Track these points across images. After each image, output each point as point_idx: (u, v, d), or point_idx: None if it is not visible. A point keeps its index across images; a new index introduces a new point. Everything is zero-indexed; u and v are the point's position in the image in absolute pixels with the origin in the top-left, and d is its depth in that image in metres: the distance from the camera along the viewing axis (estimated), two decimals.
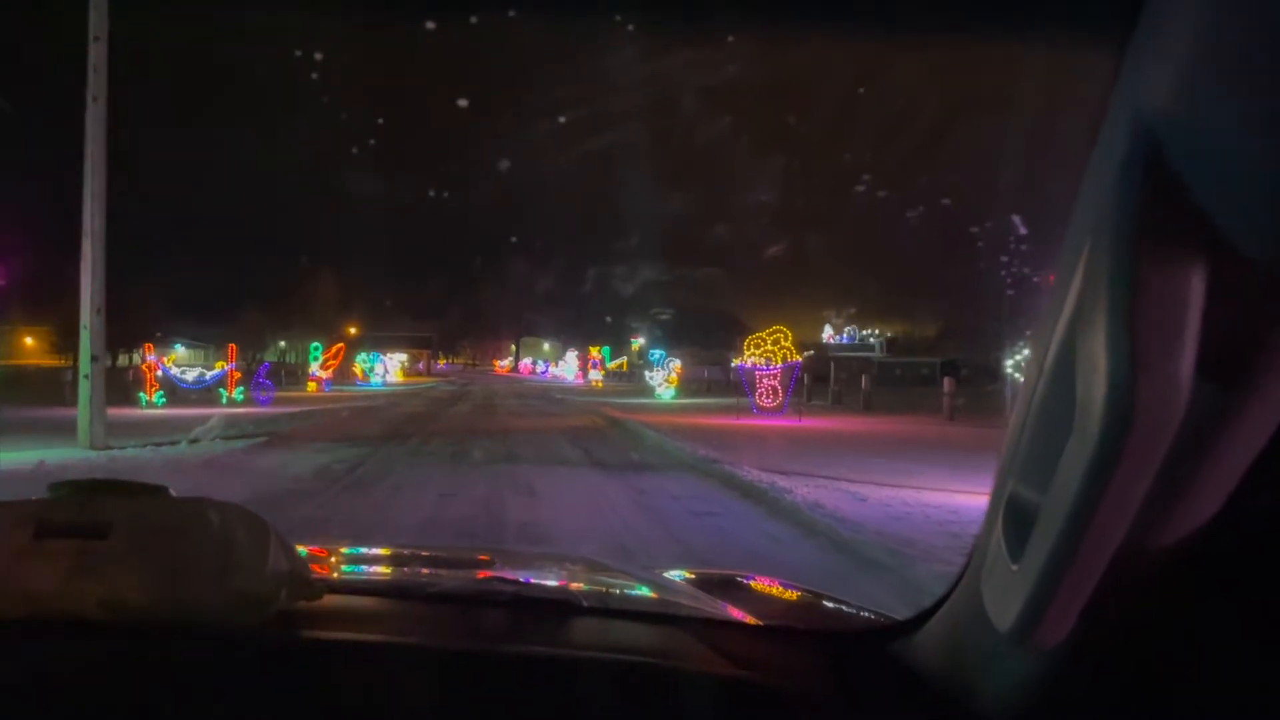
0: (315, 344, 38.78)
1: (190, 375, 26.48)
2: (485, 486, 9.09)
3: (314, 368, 37.30)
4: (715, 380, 40.55)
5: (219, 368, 26.13)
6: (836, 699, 0.99)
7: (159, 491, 1.03)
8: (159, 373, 24.22)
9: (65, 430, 12.72)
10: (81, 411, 12.42)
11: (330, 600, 1.09)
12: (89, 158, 12.62)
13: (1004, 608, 0.73)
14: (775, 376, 20.85)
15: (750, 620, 1.29)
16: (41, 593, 0.93)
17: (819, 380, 28.33)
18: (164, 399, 23.27)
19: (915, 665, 0.98)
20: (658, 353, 35.06)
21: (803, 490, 8.32)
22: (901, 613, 1.15)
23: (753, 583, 1.80)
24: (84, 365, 12.54)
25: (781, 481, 8.86)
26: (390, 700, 0.93)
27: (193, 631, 0.94)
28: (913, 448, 13.21)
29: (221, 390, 24.94)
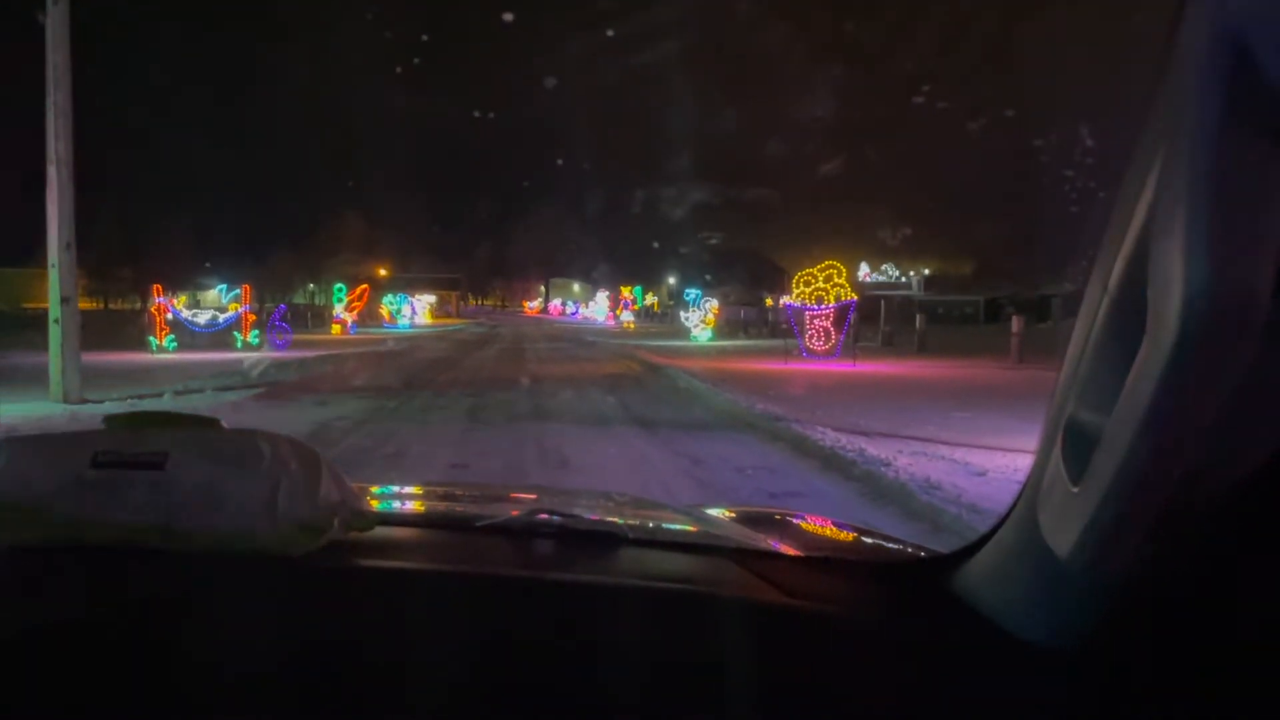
0: (339, 285, 37.60)
1: (202, 318, 25.18)
2: (506, 454, 7.49)
3: (337, 309, 36.12)
4: (752, 321, 38.72)
5: (233, 310, 24.75)
6: (885, 627, 0.95)
7: (212, 423, 1.06)
8: (169, 316, 23.00)
9: (45, 380, 11.28)
10: (53, 361, 10.95)
11: (381, 531, 1.10)
12: (51, 69, 10.96)
13: (1063, 532, 0.70)
14: (828, 317, 19.02)
15: (796, 552, 1.23)
16: (99, 520, 0.97)
17: (862, 320, 26.46)
18: (174, 344, 22.16)
19: (967, 595, 0.93)
20: (693, 292, 33.15)
21: (902, 460, 6.60)
22: None
23: (801, 522, 1.67)
24: (53, 309, 11.01)
25: (870, 448, 7.15)
26: (440, 625, 0.92)
27: (247, 560, 0.95)
28: (996, 397, 11.46)
29: (236, 334, 23.63)
